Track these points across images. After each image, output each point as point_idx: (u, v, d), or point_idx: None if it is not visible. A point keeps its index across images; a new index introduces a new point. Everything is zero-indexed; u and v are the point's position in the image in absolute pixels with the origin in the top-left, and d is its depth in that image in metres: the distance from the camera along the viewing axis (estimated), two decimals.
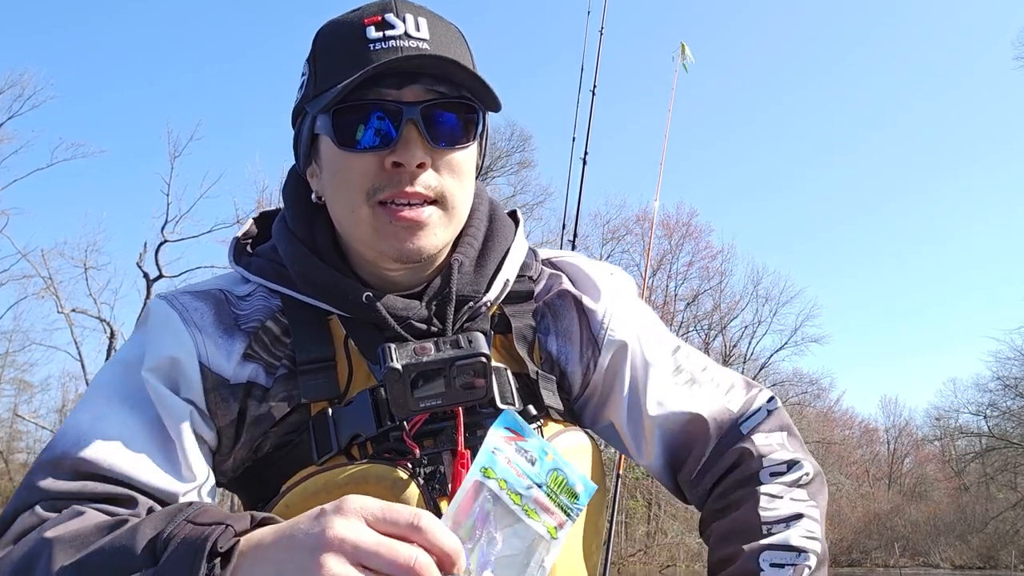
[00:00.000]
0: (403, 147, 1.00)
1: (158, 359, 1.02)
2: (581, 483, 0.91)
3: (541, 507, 0.87)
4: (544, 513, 0.87)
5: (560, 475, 0.90)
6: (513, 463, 0.88)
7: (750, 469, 1.10)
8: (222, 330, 1.06)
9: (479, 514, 0.84)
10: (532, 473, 0.88)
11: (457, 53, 1.04)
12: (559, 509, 0.88)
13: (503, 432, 0.89)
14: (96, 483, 0.94)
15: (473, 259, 1.12)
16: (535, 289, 1.18)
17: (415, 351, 0.95)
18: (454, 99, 1.03)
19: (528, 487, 0.87)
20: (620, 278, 1.24)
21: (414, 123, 1.00)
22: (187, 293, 1.10)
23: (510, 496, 0.86)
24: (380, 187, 1.01)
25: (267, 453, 1.07)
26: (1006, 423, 28.74)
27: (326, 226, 1.12)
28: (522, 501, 0.86)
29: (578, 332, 1.16)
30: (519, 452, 0.89)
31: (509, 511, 0.86)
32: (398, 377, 0.94)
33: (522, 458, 0.89)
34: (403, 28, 1.01)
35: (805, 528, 1.04)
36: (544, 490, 0.88)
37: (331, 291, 1.06)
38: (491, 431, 0.88)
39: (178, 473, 0.99)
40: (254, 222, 1.23)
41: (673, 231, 28.86)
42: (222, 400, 1.04)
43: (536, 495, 0.87)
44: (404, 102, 1.00)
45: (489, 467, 0.86)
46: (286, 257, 1.10)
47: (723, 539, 1.07)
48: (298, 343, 1.06)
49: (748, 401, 1.17)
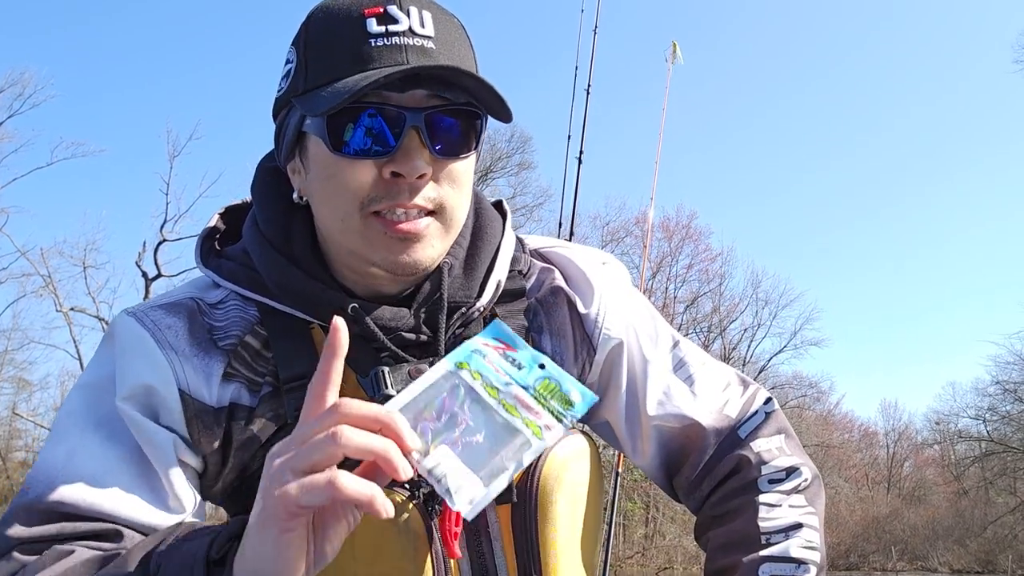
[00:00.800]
0: (403, 156, 0.92)
1: (132, 387, 0.95)
2: (579, 392, 0.82)
3: (523, 404, 0.80)
4: (525, 411, 0.79)
5: (552, 383, 0.82)
6: (495, 364, 0.82)
7: (748, 476, 1.08)
8: (199, 349, 0.98)
9: (443, 400, 0.78)
10: (517, 375, 0.82)
11: (462, 53, 0.97)
12: (547, 412, 0.80)
13: (490, 340, 0.83)
14: (76, 523, 0.89)
15: (462, 260, 1.06)
16: (526, 285, 1.12)
17: (410, 374, 0.91)
18: (460, 106, 0.95)
19: (508, 384, 0.80)
20: (613, 269, 1.19)
21: (417, 131, 0.92)
22: (157, 308, 1.01)
23: (486, 389, 0.79)
24: (376, 197, 0.93)
25: (255, 472, 1.01)
26: (1005, 427, 28.72)
27: (304, 229, 1.03)
28: (499, 396, 0.79)
29: (571, 330, 1.11)
30: (506, 359, 0.83)
31: (481, 401, 0.79)
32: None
33: (507, 363, 0.82)
34: (407, 23, 0.93)
35: (804, 538, 1.02)
36: (531, 392, 0.81)
37: (312, 302, 0.99)
38: (474, 338, 0.83)
39: (164, 504, 0.95)
40: (220, 217, 1.14)
41: (673, 233, 28.92)
42: (205, 428, 0.97)
43: (517, 392, 0.80)
44: (406, 107, 0.92)
45: (464, 361, 0.81)
46: (260, 265, 1.02)
47: (721, 549, 1.06)
48: (280, 358, 0.99)
49: (746, 404, 1.15)
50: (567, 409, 0.81)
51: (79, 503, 0.89)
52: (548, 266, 1.15)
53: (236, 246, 1.08)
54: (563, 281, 1.13)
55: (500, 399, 0.79)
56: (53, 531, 0.88)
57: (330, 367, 0.75)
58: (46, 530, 0.88)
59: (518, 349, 0.83)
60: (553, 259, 1.17)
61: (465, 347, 0.81)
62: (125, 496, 0.92)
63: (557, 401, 0.81)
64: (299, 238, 1.03)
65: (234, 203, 1.16)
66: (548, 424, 0.79)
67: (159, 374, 0.96)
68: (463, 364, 0.80)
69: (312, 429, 0.72)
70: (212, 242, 1.10)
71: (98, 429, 0.94)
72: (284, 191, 1.05)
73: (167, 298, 1.04)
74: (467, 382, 0.79)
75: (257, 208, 1.07)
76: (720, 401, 1.14)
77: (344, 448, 0.71)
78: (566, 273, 1.15)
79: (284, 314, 1.01)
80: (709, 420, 1.12)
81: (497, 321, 0.85)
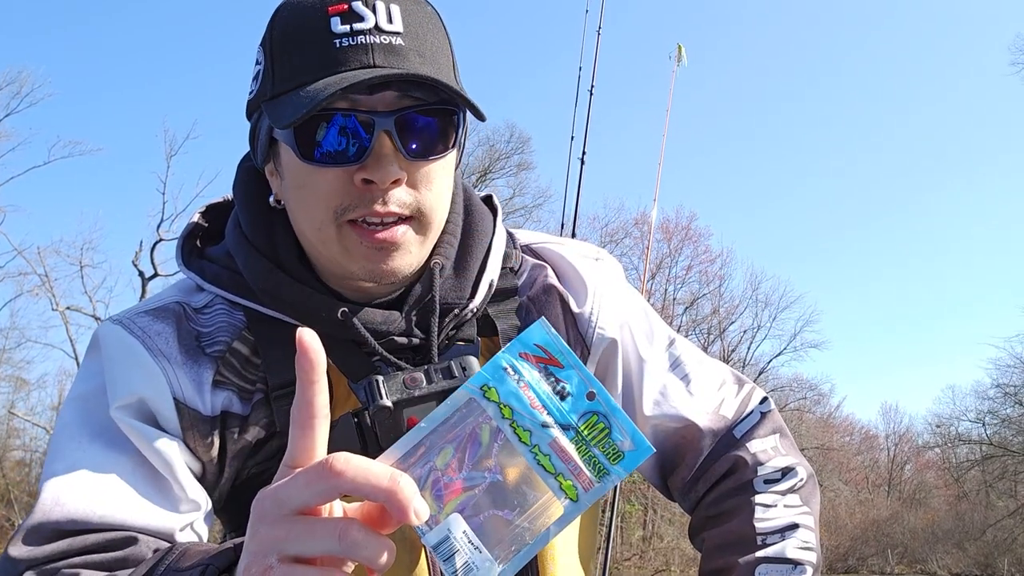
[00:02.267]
0: (375, 162, 0.88)
1: (126, 397, 0.93)
2: (630, 438, 0.64)
3: (560, 454, 0.64)
4: (562, 463, 0.64)
5: (601, 422, 0.65)
6: (533, 389, 0.64)
7: (744, 477, 1.08)
8: (188, 356, 0.96)
9: (463, 444, 0.63)
10: (558, 409, 0.65)
11: (435, 46, 0.93)
12: (588, 466, 0.64)
13: (529, 350, 0.65)
14: (85, 536, 0.86)
15: (454, 260, 1.03)
16: (518, 283, 1.09)
17: (405, 383, 0.88)
18: (434, 105, 0.90)
19: (544, 425, 0.64)
20: (606, 265, 1.16)
21: (388, 135, 0.88)
22: (143, 314, 0.99)
23: (515, 431, 0.63)
24: (349, 206, 0.90)
25: (247, 479, 1.00)
26: (1005, 430, 28.72)
27: (287, 232, 1.00)
28: (531, 441, 0.64)
29: (564, 331, 1.09)
30: (547, 378, 0.65)
31: (509, 447, 0.64)
32: (389, 415, 0.87)
33: (548, 387, 0.65)
34: (373, 20, 0.89)
35: (800, 539, 1.02)
36: (570, 435, 0.64)
37: (300, 307, 0.96)
38: (510, 344, 0.66)
39: (175, 506, 0.92)
40: (202, 216, 1.10)
41: (672, 235, 28.86)
42: (201, 437, 0.95)
43: (556, 437, 0.64)
44: (376, 111, 0.88)
45: (492, 386, 0.64)
46: (246, 270, 0.98)
47: (717, 550, 1.05)
48: (269, 365, 0.96)
49: (742, 403, 1.14)
50: (613, 463, 0.64)
51: (89, 516, 0.87)
52: (540, 263, 1.12)
53: (218, 247, 1.05)
54: (555, 278, 1.10)
55: (533, 446, 0.64)
56: (63, 547, 0.85)
57: (311, 392, 0.62)
58: (54, 548, 0.85)
59: (565, 366, 0.66)
60: (545, 255, 1.14)
61: (494, 362, 0.65)
62: (135, 502, 0.89)
63: (602, 450, 0.64)
64: (283, 241, 0.99)
65: (215, 201, 1.13)
66: (587, 483, 0.64)
67: (153, 383, 0.93)
68: (489, 390, 0.64)
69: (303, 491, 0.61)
70: (194, 241, 1.07)
71: (96, 439, 0.92)
72: (265, 192, 1.02)
73: (152, 303, 1.01)
74: (493, 421, 0.64)
75: (240, 210, 1.03)
76: (716, 401, 1.12)
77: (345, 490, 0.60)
78: (558, 270, 1.12)
79: (271, 319, 0.98)
80: (705, 420, 1.10)
81: (541, 321, 0.67)
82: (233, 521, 1.04)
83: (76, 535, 0.86)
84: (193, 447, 0.95)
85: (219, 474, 0.98)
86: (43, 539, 0.86)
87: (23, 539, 0.86)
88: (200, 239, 1.08)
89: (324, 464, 0.60)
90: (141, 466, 0.92)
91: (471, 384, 0.65)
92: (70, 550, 0.85)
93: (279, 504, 0.61)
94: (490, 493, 0.63)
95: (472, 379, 0.65)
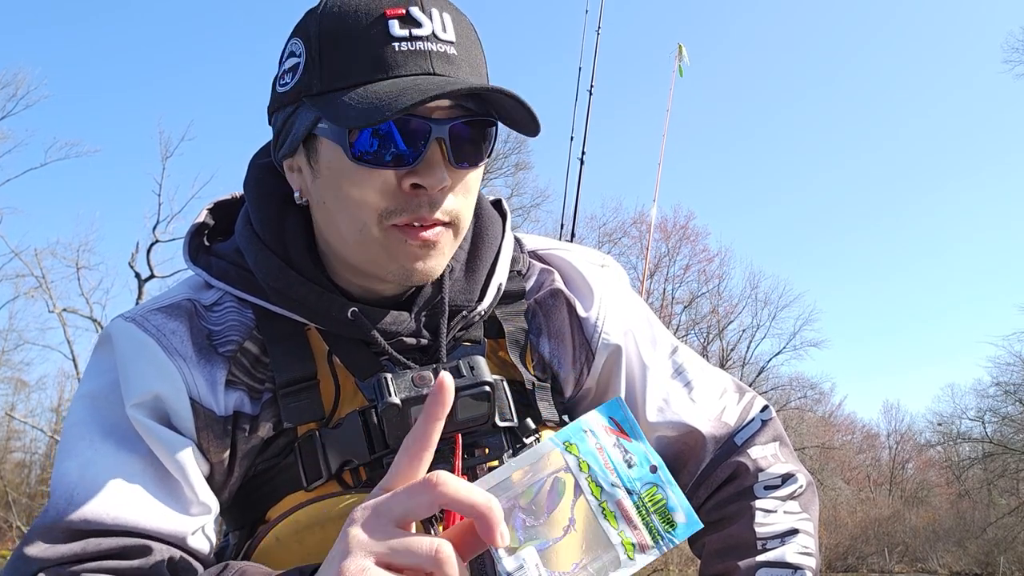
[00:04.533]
0: (426, 168, 0.89)
1: (141, 395, 0.92)
2: (684, 512, 0.72)
3: (623, 514, 0.71)
4: (625, 523, 0.71)
5: (660, 493, 0.73)
6: (606, 454, 0.73)
7: (745, 483, 1.08)
8: (202, 355, 0.95)
9: (544, 490, 0.70)
10: (626, 475, 0.73)
11: (479, 57, 0.94)
12: (646, 529, 0.71)
13: (604, 421, 0.75)
14: (100, 539, 0.85)
15: (463, 262, 1.04)
16: (526, 287, 1.10)
17: (414, 381, 0.89)
18: (482, 117, 0.92)
19: (614, 485, 0.72)
20: (612, 272, 1.17)
21: (440, 143, 0.89)
22: (156, 311, 0.98)
23: (589, 485, 0.71)
24: (396, 210, 0.90)
25: (252, 477, 0.99)
26: (1005, 429, 28.70)
27: (298, 229, 1.00)
28: (602, 497, 0.71)
29: (570, 334, 1.09)
30: (617, 448, 0.74)
31: (584, 499, 0.70)
32: (397, 412, 0.87)
33: (619, 454, 0.73)
34: (430, 27, 0.89)
35: (800, 544, 1.03)
36: (634, 499, 0.72)
37: (310, 306, 0.96)
38: (590, 413, 0.75)
39: (186, 509, 0.91)
40: (209, 213, 1.10)
41: (670, 234, 28.82)
42: (215, 437, 0.94)
43: (621, 499, 0.71)
44: (432, 118, 0.88)
45: (574, 443, 0.72)
46: (256, 268, 0.98)
47: (717, 554, 1.05)
48: (276, 362, 0.97)
49: (743, 411, 1.14)
50: (667, 531, 0.72)
51: (102, 517, 0.86)
52: (547, 268, 1.13)
53: (227, 243, 1.04)
54: (562, 283, 1.11)
55: (603, 502, 0.71)
56: (77, 550, 0.84)
57: (432, 428, 0.70)
58: (70, 549, 0.84)
59: (633, 439, 0.74)
60: (552, 261, 1.15)
61: (576, 425, 0.73)
62: (146, 504, 0.88)
63: (659, 518, 0.72)
64: (294, 239, 0.99)
65: (223, 198, 1.12)
66: (644, 544, 0.71)
67: (169, 382, 0.93)
68: (571, 446, 0.72)
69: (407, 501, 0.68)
70: (201, 238, 1.07)
71: (108, 438, 0.91)
72: (278, 189, 1.02)
73: (163, 300, 1.00)
74: (574, 473, 0.71)
75: (251, 207, 1.03)
76: (718, 408, 1.13)
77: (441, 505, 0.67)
78: (565, 275, 1.13)
79: (279, 316, 0.98)
80: (708, 427, 1.10)
81: (617, 399, 0.77)
82: (236, 520, 1.03)
83: (90, 536, 0.85)
84: (205, 448, 0.94)
85: (228, 475, 0.97)
86: (57, 539, 0.85)
87: (38, 539, 0.85)
88: (207, 236, 1.08)
89: (428, 479, 0.67)
90: (152, 467, 0.91)
91: (556, 438, 0.72)
92: (84, 554, 0.84)
93: (382, 513, 0.67)
94: (562, 537, 0.70)
95: (558, 434, 0.73)
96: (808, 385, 31.94)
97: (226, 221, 1.09)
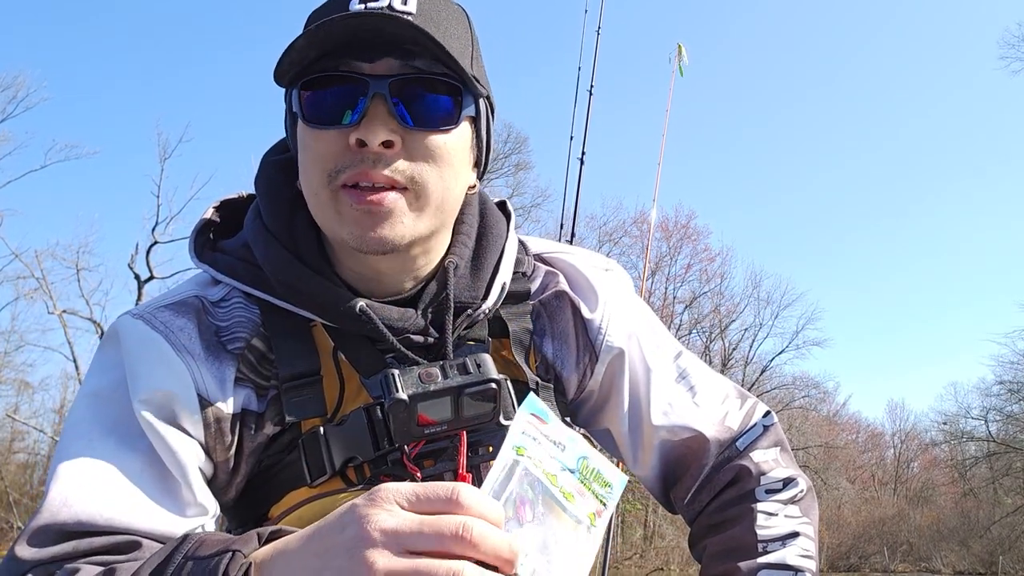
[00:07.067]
0: (367, 124, 0.90)
1: (150, 391, 0.91)
2: (611, 472, 0.84)
3: (577, 492, 0.80)
4: (580, 498, 0.80)
5: (590, 463, 0.83)
6: (545, 445, 0.81)
7: (747, 486, 1.09)
8: (210, 352, 0.95)
9: (517, 495, 0.76)
10: (562, 458, 0.81)
11: (448, 31, 0.93)
12: (593, 496, 0.81)
13: (529, 417, 0.82)
14: (91, 538, 0.85)
15: (468, 260, 1.04)
16: (531, 288, 1.11)
17: (420, 378, 0.88)
18: (432, 75, 0.92)
19: (562, 469, 0.81)
20: (616, 276, 1.18)
21: (382, 98, 0.90)
22: (163, 308, 0.97)
23: (547, 477, 0.79)
24: (342, 168, 0.91)
25: (256, 474, 0.99)
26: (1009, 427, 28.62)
27: (308, 225, 1.00)
28: (559, 483, 0.79)
29: (574, 336, 1.10)
30: (547, 437, 0.82)
31: (548, 492, 0.78)
32: (404, 408, 0.87)
33: (549, 442, 0.82)
34: (387, 1, 0.91)
35: (801, 547, 1.03)
36: (576, 476, 0.81)
37: (318, 300, 0.96)
38: (519, 413, 0.81)
39: (182, 511, 0.91)
40: (216, 211, 1.10)
41: (671, 234, 28.81)
42: (221, 435, 0.94)
43: (569, 479, 0.81)
44: (372, 75, 0.90)
45: (521, 447, 0.79)
46: (265, 262, 0.98)
47: (719, 556, 1.05)
48: (280, 357, 0.97)
49: (746, 416, 1.15)
50: (607, 491, 0.83)
51: (95, 519, 0.85)
52: (552, 270, 1.14)
53: (234, 239, 1.05)
54: (567, 286, 1.12)
55: (560, 487, 0.79)
56: (67, 549, 0.84)
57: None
58: (60, 550, 0.84)
59: (550, 425, 0.83)
60: (556, 264, 1.15)
61: (515, 428, 0.79)
62: (142, 505, 0.88)
63: (598, 483, 0.82)
64: (304, 235, 1.00)
65: (230, 196, 1.13)
66: (598, 511, 0.80)
67: (178, 380, 0.92)
68: (520, 449, 0.78)
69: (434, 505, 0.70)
70: (207, 236, 1.07)
71: (109, 436, 0.90)
72: (289, 186, 1.03)
73: (170, 297, 1.00)
74: (532, 472, 0.78)
75: (262, 202, 1.04)
76: (721, 412, 1.14)
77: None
78: (570, 278, 1.14)
79: (286, 312, 0.98)
80: (712, 431, 1.11)
81: (531, 396, 0.83)
82: (239, 517, 1.03)
83: (82, 537, 0.84)
84: (211, 446, 0.94)
85: (233, 473, 0.97)
86: (49, 540, 0.84)
87: (29, 539, 0.85)
88: (213, 234, 1.08)
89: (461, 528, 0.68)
90: (152, 466, 0.90)
91: (506, 447, 0.78)
92: (75, 552, 0.84)
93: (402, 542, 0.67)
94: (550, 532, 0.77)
95: (504, 444, 0.78)
96: (812, 384, 31.94)
97: (232, 220, 1.08)
